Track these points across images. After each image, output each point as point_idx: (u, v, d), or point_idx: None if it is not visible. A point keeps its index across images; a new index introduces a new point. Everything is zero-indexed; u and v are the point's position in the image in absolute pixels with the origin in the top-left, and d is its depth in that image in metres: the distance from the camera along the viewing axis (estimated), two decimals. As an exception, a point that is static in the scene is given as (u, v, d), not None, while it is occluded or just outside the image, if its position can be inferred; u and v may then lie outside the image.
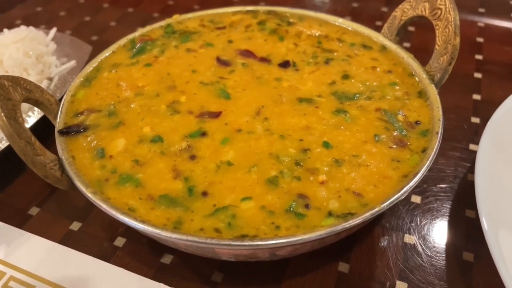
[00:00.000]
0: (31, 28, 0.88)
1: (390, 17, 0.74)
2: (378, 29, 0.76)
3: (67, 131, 0.58)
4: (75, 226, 0.66)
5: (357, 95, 0.63)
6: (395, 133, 0.57)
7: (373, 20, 1.11)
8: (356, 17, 1.14)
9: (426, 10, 0.67)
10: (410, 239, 0.64)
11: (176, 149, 0.56)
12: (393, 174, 0.52)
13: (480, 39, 1.04)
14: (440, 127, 0.56)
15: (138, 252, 0.63)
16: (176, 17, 0.80)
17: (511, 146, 0.68)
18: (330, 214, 0.48)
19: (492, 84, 0.91)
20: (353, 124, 0.59)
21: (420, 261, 0.61)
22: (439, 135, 0.55)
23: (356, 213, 0.48)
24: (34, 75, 0.78)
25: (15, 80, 0.55)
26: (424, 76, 0.64)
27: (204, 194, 0.51)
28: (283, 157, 0.55)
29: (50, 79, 0.82)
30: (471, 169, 0.74)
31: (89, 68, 0.69)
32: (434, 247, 0.63)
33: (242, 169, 0.53)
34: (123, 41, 0.75)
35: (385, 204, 0.48)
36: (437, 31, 0.65)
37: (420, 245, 0.63)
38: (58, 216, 0.68)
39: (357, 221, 0.46)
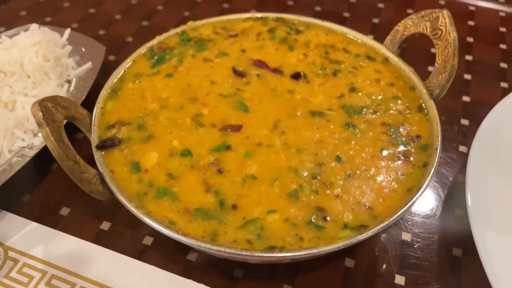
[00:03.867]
0: (45, 29, 0.90)
1: (393, 31, 0.79)
2: (375, 26, 0.82)
3: (103, 146, 0.63)
4: (105, 225, 0.73)
5: (364, 109, 0.70)
6: (399, 148, 0.65)
7: (370, 17, 1.16)
8: (353, 13, 1.18)
9: (427, 29, 0.73)
10: (406, 236, 0.72)
11: (204, 163, 0.62)
12: (398, 188, 0.60)
13: (470, 39, 1.11)
14: (439, 143, 0.63)
15: (166, 250, 0.70)
16: (191, 24, 0.84)
17: (500, 151, 0.76)
18: (345, 226, 0.56)
19: (480, 86, 0.99)
20: (361, 139, 0.66)
21: (416, 256, 0.70)
22: (438, 151, 0.62)
23: (368, 226, 0.55)
24: (54, 79, 0.82)
25: (55, 100, 0.60)
26: (424, 91, 0.71)
27: (234, 207, 0.58)
28: (301, 171, 0.61)
29: (69, 82, 0.85)
30: (461, 171, 0.82)
31: (114, 79, 0.73)
32: (428, 243, 0.71)
33: (265, 183, 0.60)
34: (142, 49, 0.79)
35: (393, 218, 0.55)
36: (437, 50, 0.71)
37: (416, 242, 0.72)
38: (87, 216, 0.74)
39: (370, 234, 0.54)
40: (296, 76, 0.75)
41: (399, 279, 0.67)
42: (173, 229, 0.54)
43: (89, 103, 0.74)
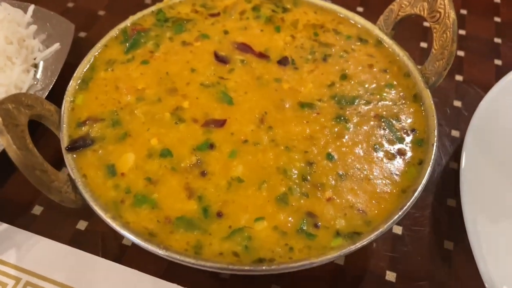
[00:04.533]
0: (6, 5, 0.82)
1: (387, 10, 0.74)
2: (368, 6, 0.76)
3: (74, 147, 0.58)
4: (82, 225, 0.68)
5: (356, 100, 0.65)
6: (393, 144, 0.61)
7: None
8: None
9: (424, 11, 0.67)
10: (397, 229, 0.70)
11: (186, 164, 0.57)
12: (392, 189, 0.57)
13: (463, 11, 1.06)
14: (436, 139, 0.60)
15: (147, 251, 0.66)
16: (167, 1, 0.77)
17: (494, 139, 0.73)
18: (338, 233, 0.53)
19: (474, 63, 0.95)
20: (354, 134, 0.62)
21: (407, 251, 0.68)
22: (434, 147, 0.59)
23: (362, 233, 0.52)
24: (19, 64, 0.75)
25: (17, 99, 0.54)
26: (419, 78, 0.67)
27: (219, 215, 0.54)
28: (290, 171, 0.57)
29: (35, 66, 0.78)
30: (453, 157, 0.79)
31: (84, 67, 0.67)
32: (419, 237, 0.69)
33: (252, 186, 0.56)
34: (114, 32, 0.72)
35: (387, 224, 0.52)
36: (434, 34, 0.66)
37: (406, 235, 0.70)
38: (62, 215, 0.69)
39: (363, 243, 0.51)
40: (284, 61, 0.70)
41: (390, 276, 0.66)
42: (154, 243, 0.50)
43: (59, 91, 0.68)
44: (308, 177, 0.57)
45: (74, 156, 0.57)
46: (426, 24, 1.01)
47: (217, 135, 0.60)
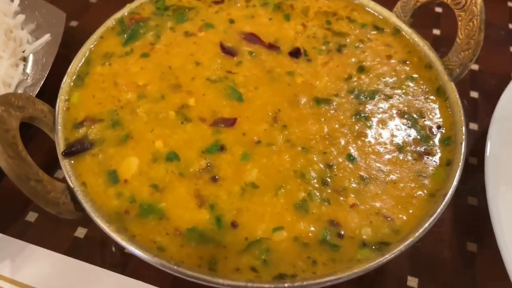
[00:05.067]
0: (-10, -8, 0.75)
1: (404, -4, 0.68)
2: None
3: (71, 152, 0.52)
4: (80, 232, 0.63)
5: (376, 95, 0.60)
6: (418, 142, 0.56)
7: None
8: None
9: (448, -4, 0.62)
10: (417, 231, 0.66)
11: (195, 169, 0.52)
12: (420, 193, 0.52)
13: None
14: (464, 137, 0.55)
15: (153, 260, 0.61)
16: (167, -12, 0.71)
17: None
18: (364, 244, 0.48)
19: (488, 52, 0.90)
20: (375, 132, 0.57)
21: (428, 254, 0.64)
22: (463, 146, 0.55)
23: (390, 243, 0.48)
24: (6, 58, 0.69)
25: (7, 101, 0.48)
26: (442, 70, 0.62)
27: (234, 225, 0.49)
28: (308, 175, 0.53)
29: (24, 60, 0.72)
30: (473, 152, 0.75)
31: (78, 62, 0.61)
32: (439, 239, 0.65)
33: (268, 192, 0.51)
34: (110, 22, 0.66)
35: (418, 233, 0.48)
36: (459, 23, 0.61)
37: (426, 237, 0.65)
38: (60, 222, 0.64)
39: (393, 255, 0.47)
40: (296, 53, 0.64)
41: (412, 281, 0.62)
42: (163, 258, 0.46)
43: (51, 87, 0.62)
44: (329, 181, 0.52)
45: (72, 162, 0.52)
46: (438, 9, 0.96)
47: (227, 136, 0.55)
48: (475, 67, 0.87)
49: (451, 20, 0.64)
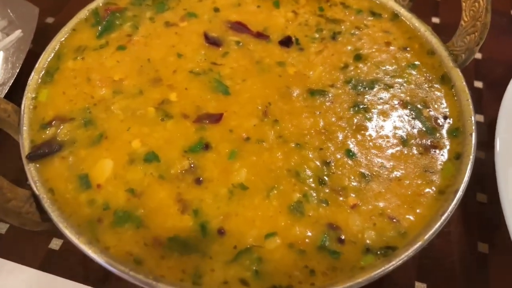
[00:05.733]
0: (-45, -14, 0.70)
1: (403, -22, 0.63)
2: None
3: (37, 155, 0.47)
4: (55, 244, 0.58)
5: (375, 84, 0.55)
6: (422, 134, 0.51)
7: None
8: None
9: (450, -24, 0.57)
10: (424, 232, 0.61)
11: (177, 170, 0.47)
12: (428, 190, 0.47)
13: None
14: (474, 127, 0.50)
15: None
16: (145, -25, 0.65)
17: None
18: (367, 249, 0.43)
19: (491, 39, 0.85)
20: (376, 125, 0.52)
21: (436, 257, 0.59)
22: (473, 138, 0.49)
23: (397, 247, 0.43)
24: (-28, 56, 0.63)
25: (-40, 99, 0.42)
26: (447, 56, 0.57)
27: (221, 232, 0.44)
28: (304, 173, 0.47)
29: (-7, 58, 0.66)
30: (479, 145, 0.69)
31: (48, 56, 0.55)
32: (448, 240, 0.60)
33: (259, 194, 0.46)
34: (83, 13, 0.60)
35: (428, 235, 0.43)
36: (463, 4, 0.56)
37: (434, 239, 0.60)
38: (32, 233, 0.58)
39: (400, 261, 0.41)
40: (287, 42, 0.59)
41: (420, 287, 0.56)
42: (141, 271, 0.40)
43: (22, 87, 0.57)
44: (326, 180, 0.47)
45: (38, 166, 0.46)
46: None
47: (212, 133, 0.50)
48: (478, 55, 0.82)
49: (451, 8, 0.60)
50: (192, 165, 0.47)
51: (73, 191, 0.45)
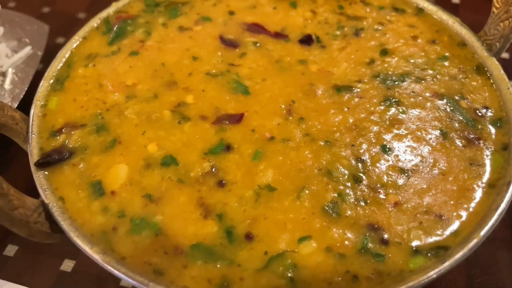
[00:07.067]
0: (-35, 6, 0.69)
1: (425, -30, 0.61)
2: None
3: (46, 162, 0.43)
4: (67, 265, 0.53)
5: (406, 78, 0.51)
6: (463, 126, 0.47)
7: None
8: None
9: (477, -38, 0.54)
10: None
11: (197, 173, 0.43)
12: (476, 184, 0.42)
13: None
14: (519, 115, 0.46)
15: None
16: (156, -16, 0.63)
17: None
18: (416, 250, 0.38)
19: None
20: (411, 118, 0.47)
21: (485, 264, 0.53)
22: (520, 126, 0.45)
23: (449, 247, 0.38)
24: (-19, 72, 0.61)
25: (-36, 102, 0.39)
26: (479, 46, 0.53)
27: (249, 237, 0.39)
28: (337, 172, 0.43)
29: (3, 75, 0.64)
30: None
31: (58, 63, 0.53)
32: (492, 238, 0.55)
33: (288, 195, 0.42)
34: (94, 21, 0.58)
35: (483, 231, 0.38)
36: (494, -11, 0.53)
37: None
38: (42, 255, 0.54)
39: (454, 261, 0.36)
40: (307, 40, 0.56)
41: (470, 300, 0.50)
42: (162, 283, 0.35)
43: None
44: (362, 177, 0.43)
45: (47, 173, 0.43)
46: (455, 0, 0.88)
47: (233, 134, 0.46)
48: (505, 55, 0.78)
49: (471, 11, 0.56)
50: (213, 168, 0.43)
51: (85, 199, 0.42)
